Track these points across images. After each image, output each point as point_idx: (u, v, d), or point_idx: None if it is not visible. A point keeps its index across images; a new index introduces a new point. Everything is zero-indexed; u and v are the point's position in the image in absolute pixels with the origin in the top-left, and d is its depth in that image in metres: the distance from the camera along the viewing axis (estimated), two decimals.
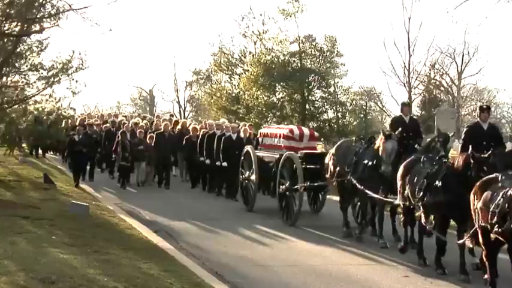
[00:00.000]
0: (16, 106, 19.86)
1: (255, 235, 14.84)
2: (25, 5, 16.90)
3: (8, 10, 17.11)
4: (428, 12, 71.13)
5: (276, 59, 43.05)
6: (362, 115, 51.24)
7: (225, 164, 20.55)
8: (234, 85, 46.82)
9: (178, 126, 25.27)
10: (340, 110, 44.62)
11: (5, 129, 20.05)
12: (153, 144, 22.91)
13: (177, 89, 64.29)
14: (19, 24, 17.86)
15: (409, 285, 10.86)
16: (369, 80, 74.32)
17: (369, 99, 50.88)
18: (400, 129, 13.79)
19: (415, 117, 17.32)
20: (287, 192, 16.39)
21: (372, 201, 14.22)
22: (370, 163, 14.03)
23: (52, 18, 17.49)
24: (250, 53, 45.50)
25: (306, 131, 18.64)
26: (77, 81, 18.48)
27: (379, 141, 13.85)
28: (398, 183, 12.51)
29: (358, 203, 15.45)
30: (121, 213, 17.15)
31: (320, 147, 23.47)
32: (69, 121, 26.64)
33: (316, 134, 19.69)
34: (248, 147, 18.87)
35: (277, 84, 43.12)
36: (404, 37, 44.07)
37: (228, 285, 10.41)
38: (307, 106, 43.06)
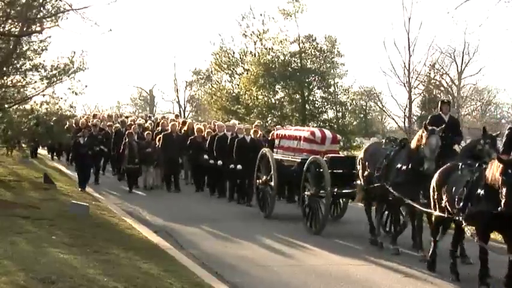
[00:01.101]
0: (16, 106, 19.84)
1: (255, 235, 14.80)
2: (25, 5, 16.89)
3: (8, 10, 17.11)
4: (429, 12, 71.22)
5: (276, 59, 43.07)
6: (362, 115, 51.25)
7: (239, 166, 19.49)
8: (234, 85, 46.85)
9: (185, 128, 24.26)
10: (340, 110, 44.63)
11: (6, 129, 19.94)
12: (160, 146, 22.10)
13: (177, 89, 64.39)
14: (19, 24, 17.86)
15: (409, 285, 10.85)
16: (369, 80, 74.47)
17: (369, 99, 50.93)
18: (444, 125, 13.03)
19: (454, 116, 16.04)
20: (312, 199, 15.37)
21: (409, 208, 13.10)
22: (404, 167, 12.97)
23: (52, 18, 17.50)
24: (250, 52, 45.55)
25: (328, 133, 17.56)
26: (79, 81, 18.47)
27: (419, 138, 12.79)
28: (434, 193, 11.41)
29: (386, 211, 14.69)
30: (121, 213, 17.16)
31: None
32: (73, 122, 26.41)
33: (338, 137, 18.53)
34: (266, 150, 17.82)
35: (277, 84, 43.14)
36: (404, 37, 44.07)
37: (227, 285, 10.41)
38: (307, 106, 43.08)
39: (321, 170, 15.17)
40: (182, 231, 15.07)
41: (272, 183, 17.05)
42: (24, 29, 17.88)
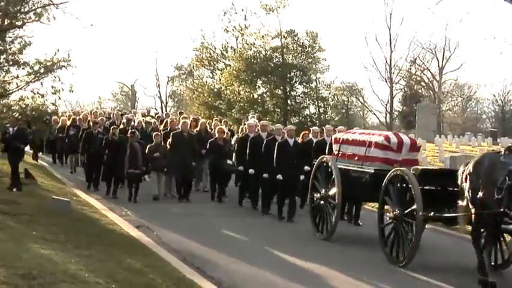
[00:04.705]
0: None
1: (239, 231, 14.80)
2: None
3: None
4: (410, 8, 71.66)
5: (257, 54, 43.18)
6: (344, 110, 51.48)
7: (279, 176, 16.49)
8: (216, 80, 46.89)
9: (197, 128, 21.25)
10: (322, 105, 44.83)
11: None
12: (169, 148, 19.21)
13: (159, 84, 64.38)
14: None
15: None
16: (351, 75, 74.58)
17: (351, 95, 51.20)
18: None
19: None
20: (395, 222, 12.31)
21: None
22: None
23: (33, 13, 17.43)
24: (231, 47, 45.62)
25: (405, 138, 14.14)
26: (60, 81, 18.33)
27: None
28: None
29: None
30: (102, 208, 17.07)
31: None
32: (64, 119, 25.80)
33: (418, 143, 15.77)
34: (327, 157, 14.82)
35: (258, 80, 43.26)
36: (386, 32, 44.36)
37: (210, 281, 10.39)
38: (288, 101, 43.21)
39: (408, 185, 12.06)
40: (164, 227, 15.00)
41: (335, 199, 14.11)
42: (5, 24, 17.78)
